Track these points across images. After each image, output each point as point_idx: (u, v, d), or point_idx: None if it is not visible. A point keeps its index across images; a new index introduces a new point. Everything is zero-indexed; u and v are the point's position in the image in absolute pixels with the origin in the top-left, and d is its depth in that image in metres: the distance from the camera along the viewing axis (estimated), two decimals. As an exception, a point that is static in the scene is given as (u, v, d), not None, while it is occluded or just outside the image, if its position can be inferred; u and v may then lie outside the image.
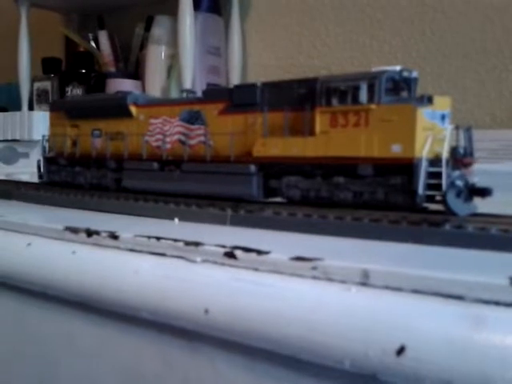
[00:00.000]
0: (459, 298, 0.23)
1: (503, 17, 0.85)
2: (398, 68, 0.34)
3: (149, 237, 0.34)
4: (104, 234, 0.36)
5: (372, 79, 0.33)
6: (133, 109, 0.46)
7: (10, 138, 1.07)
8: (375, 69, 0.34)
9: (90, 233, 0.36)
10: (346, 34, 1.01)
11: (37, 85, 1.28)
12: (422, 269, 0.25)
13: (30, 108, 1.25)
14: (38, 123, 1.04)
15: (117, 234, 0.35)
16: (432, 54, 0.93)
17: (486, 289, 0.22)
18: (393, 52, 0.97)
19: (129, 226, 0.38)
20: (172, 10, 1.07)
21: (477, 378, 0.21)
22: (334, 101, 0.35)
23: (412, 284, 0.24)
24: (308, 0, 1.04)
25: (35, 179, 0.73)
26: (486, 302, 0.22)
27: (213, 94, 0.43)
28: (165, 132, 0.44)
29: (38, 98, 1.28)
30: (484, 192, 0.33)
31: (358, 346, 0.24)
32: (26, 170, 1.01)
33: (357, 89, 0.33)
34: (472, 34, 0.88)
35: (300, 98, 0.37)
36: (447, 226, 0.31)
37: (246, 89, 0.40)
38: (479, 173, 0.36)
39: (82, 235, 0.37)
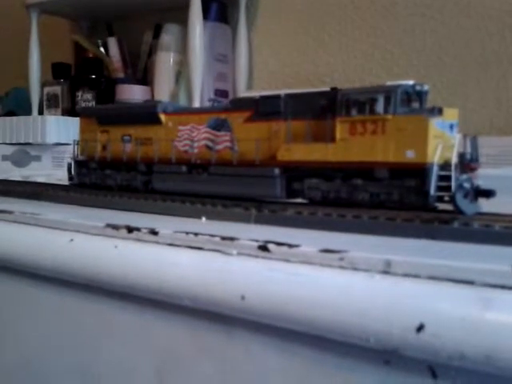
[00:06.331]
0: (470, 282, 0.26)
1: (501, 27, 0.89)
2: (411, 82, 0.38)
3: (187, 232, 0.37)
4: (144, 230, 0.39)
5: (388, 92, 0.37)
6: (162, 116, 0.50)
7: (22, 141, 1.09)
8: (390, 83, 0.38)
9: (130, 229, 0.40)
10: (349, 43, 1.05)
11: (47, 89, 1.30)
12: (437, 259, 0.28)
13: (40, 112, 1.28)
14: (51, 127, 1.06)
15: (156, 230, 0.39)
16: (432, 63, 0.96)
17: (493, 275, 0.25)
18: (394, 60, 1.00)
19: (161, 224, 0.40)
20: (179, 18, 1.10)
21: (485, 350, 0.24)
22: (353, 111, 0.38)
23: (429, 271, 0.27)
24: (313, 10, 1.07)
25: (52, 181, 0.76)
26: (493, 286, 0.25)
27: (239, 103, 0.46)
28: (192, 138, 0.48)
29: (48, 103, 1.30)
30: (489, 193, 0.36)
31: (382, 325, 0.27)
32: (40, 172, 1.04)
33: (374, 100, 0.37)
34: (471, 44, 0.92)
35: (321, 108, 0.41)
36: (456, 224, 0.34)
37: (270, 99, 0.44)
38: (479, 177, 0.39)
39: (122, 231, 0.40)
